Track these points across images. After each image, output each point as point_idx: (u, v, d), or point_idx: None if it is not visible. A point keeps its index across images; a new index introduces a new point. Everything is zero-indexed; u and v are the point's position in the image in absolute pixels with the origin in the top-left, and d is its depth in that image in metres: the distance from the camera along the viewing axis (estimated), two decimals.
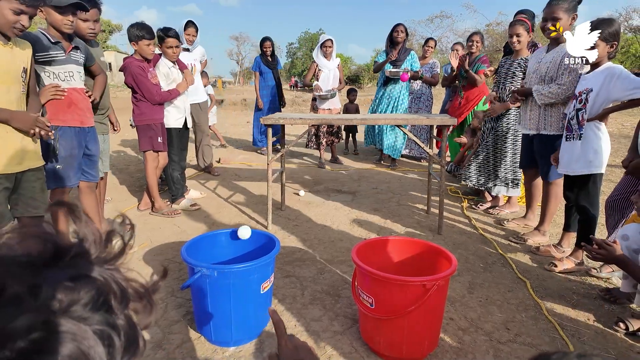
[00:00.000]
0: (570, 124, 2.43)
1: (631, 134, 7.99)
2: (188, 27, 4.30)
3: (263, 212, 3.42)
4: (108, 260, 0.41)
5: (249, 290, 1.73)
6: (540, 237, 2.91)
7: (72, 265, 0.38)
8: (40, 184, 2.03)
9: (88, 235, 0.41)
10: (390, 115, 3.95)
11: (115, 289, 0.39)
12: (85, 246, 0.40)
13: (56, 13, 2.16)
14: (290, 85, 32.69)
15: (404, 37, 4.97)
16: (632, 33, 20.72)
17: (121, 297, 0.39)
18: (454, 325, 1.92)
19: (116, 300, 0.39)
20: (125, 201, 3.82)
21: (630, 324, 1.87)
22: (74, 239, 0.41)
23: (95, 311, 0.36)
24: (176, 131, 3.50)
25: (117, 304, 0.39)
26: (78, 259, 0.39)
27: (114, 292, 0.39)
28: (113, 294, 0.39)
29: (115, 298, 0.39)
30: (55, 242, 0.39)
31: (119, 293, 0.39)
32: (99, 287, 0.38)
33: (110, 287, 0.39)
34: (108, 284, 0.39)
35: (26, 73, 1.92)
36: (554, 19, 2.55)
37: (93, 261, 0.40)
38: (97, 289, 0.37)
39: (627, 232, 1.95)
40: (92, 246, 0.41)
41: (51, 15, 2.17)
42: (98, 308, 0.36)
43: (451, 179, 4.67)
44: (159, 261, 2.56)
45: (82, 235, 0.41)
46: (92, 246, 0.41)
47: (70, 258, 0.39)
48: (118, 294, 0.39)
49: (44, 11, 2.15)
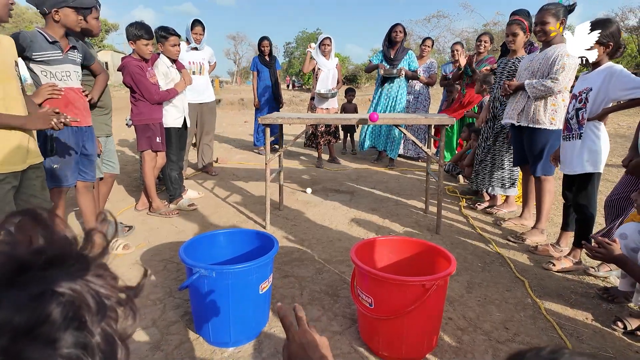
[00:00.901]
0: (570, 124, 2.44)
1: (627, 133, 8.05)
2: (195, 26, 4.33)
3: (261, 212, 3.41)
4: (87, 264, 0.38)
5: (248, 291, 1.72)
6: (539, 235, 2.92)
7: (36, 281, 0.34)
8: (41, 182, 2.02)
9: (59, 242, 0.38)
10: (389, 115, 3.95)
11: (90, 301, 0.35)
12: (56, 254, 0.36)
13: (74, 14, 2.20)
14: (286, 85, 32.62)
15: (402, 37, 4.97)
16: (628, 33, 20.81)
17: (97, 309, 0.36)
18: (452, 325, 1.92)
19: (90, 314, 0.35)
20: (123, 201, 3.81)
21: (629, 323, 1.88)
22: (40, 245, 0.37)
23: (65, 330, 0.33)
24: (175, 131, 3.49)
25: (92, 316, 0.35)
26: (45, 272, 0.35)
27: (87, 305, 0.35)
28: (86, 307, 0.35)
29: (89, 311, 0.35)
30: (15, 257, 0.35)
31: (94, 305, 0.36)
32: (68, 302, 0.34)
33: (83, 299, 0.35)
34: (80, 296, 0.35)
35: (17, 66, 1.90)
36: (543, 23, 2.66)
37: (65, 270, 0.36)
38: (66, 304, 0.34)
39: (626, 230, 1.95)
40: (65, 252, 0.37)
41: (69, 16, 2.20)
42: (67, 326, 0.33)
43: (449, 178, 4.67)
44: (157, 262, 2.55)
45: (51, 242, 0.37)
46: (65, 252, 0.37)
47: (36, 271, 0.35)
48: (93, 306, 0.35)
49: (59, 12, 2.16)
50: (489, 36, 4.52)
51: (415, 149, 5.73)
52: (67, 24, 2.22)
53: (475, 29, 27.94)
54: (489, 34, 4.61)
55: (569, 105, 2.47)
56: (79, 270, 0.37)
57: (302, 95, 19.59)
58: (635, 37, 20.33)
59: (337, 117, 3.30)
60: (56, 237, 0.38)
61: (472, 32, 28.53)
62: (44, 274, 0.35)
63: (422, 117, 3.16)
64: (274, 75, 5.72)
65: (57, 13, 2.16)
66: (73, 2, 2.18)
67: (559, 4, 2.66)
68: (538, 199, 2.95)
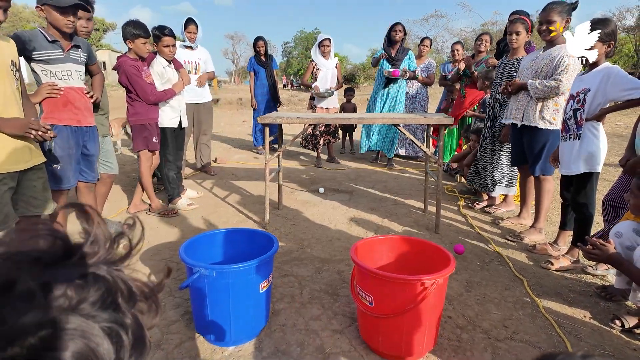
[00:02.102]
0: (568, 124, 2.45)
1: (624, 133, 8.09)
2: (189, 25, 4.31)
3: (260, 211, 3.42)
4: (114, 261, 0.42)
5: (248, 290, 1.73)
6: (537, 234, 2.93)
7: (81, 264, 0.39)
8: (42, 183, 2.02)
9: (98, 236, 0.41)
10: (388, 115, 3.96)
11: (123, 288, 0.39)
12: (94, 246, 0.41)
13: (56, 12, 2.14)
14: (283, 84, 32.56)
15: (402, 36, 4.97)
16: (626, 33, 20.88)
17: (129, 297, 0.40)
18: (452, 324, 1.93)
19: (124, 300, 0.39)
20: (120, 201, 3.80)
21: (626, 321, 1.90)
22: (82, 239, 0.41)
23: (104, 309, 0.37)
24: (170, 131, 3.47)
25: (125, 303, 0.39)
26: (86, 259, 0.39)
27: (122, 291, 0.39)
28: (121, 293, 0.39)
29: (122, 297, 0.39)
30: (65, 241, 0.39)
31: (127, 292, 0.40)
32: (107, 286, 0.38)
33: (118, 286, 0.39)
34: (116, 283, 0.39)
35: (15, 66, 1.90)
36: (548, 21, 2.63)
37: (101, 261, 0.40)
38: (106, 287, 0.38)
39: (621, 229, 1.97)
40: (101, 247, 0.41)
41: (51, 14, 2.15)
42: (106, 306, 0.37)
43: (448, 178, 4.69)
44: (156, 261, 2.55)
45: (92, 235, 0.41)
46: (101, 247, 0.41)
47: (79, 257, 0.39)
48: (126, 293, 0.39)
49: (43, 9, 2.14)
50: (489, 36, 4.52)
51: (414, 148, 5.74)
52: (52, 23, 2.18)
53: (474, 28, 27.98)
54: (489, 34, 4.60)
55: (567, 105, 2.48)
56: (113, 263, 0.41)
57: (301, 94, 19.57)
58: (633, 37, 20.40)
59: (336, 117, 3.31)
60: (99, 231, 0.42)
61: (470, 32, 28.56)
62: (87, 260, 0.39)
63: (421, 116, 3.16)
64: (271, 75, 5.72)
65: (41, 10, 2.14)
66: (53, 0, 2.11)
67: (564, 3, 2.62)
68: (537, 198, 2.96)
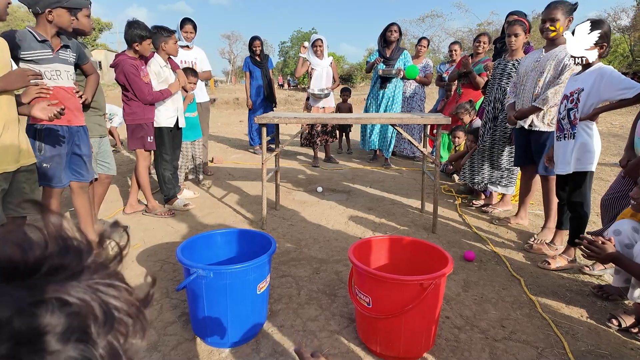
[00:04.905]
0: (562, 124, 2.46)
1: (620, 132, 8.13)
2: (185, 25, 4.30)
3: (258, 211, 3.41)
4: (97, 270, 0.35)
5: (246, 291, 1.72)
6: (551, 234, 2.83)
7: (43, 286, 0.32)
8: (30, 185, 2.00)
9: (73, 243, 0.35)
10: (385, 115, 3.96)
11: (97, 312, 0.33)
12: (68, 260, 0.34)
13: (68, 14, 2.19)
14: (279, 84, 32.52)
15: (397, 36, 4.98)
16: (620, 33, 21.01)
17: (104, 321, 0.33)
18: (449, 324, 1.93)
19: (97, 325, 0.33)
20: (118, 201, 3.78)
21: (623, 320, 1.90)
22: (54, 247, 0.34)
23: (66, 342, 0.30)
24: (167, 130, 3.46)
25: (98, 329, 0.33)
26: (54, 277, 0.33)
27: (95, 316, 0.33)
28: (93, 317, 0.33)
29: (95, 322, 0.33)
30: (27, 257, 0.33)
31: (102, 316, 0.33)
32: (74, 312, 0.32)
33: (90, 310, 0.33)
34: (88, 306, 0.33)
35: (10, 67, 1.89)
36: (552, 20, 2.61)
37: (75, 276, 0.34)
38: (71, 314, 0.32)
39: (620, 227, 1.98)
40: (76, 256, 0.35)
41: (62, 16, 2.18)
42: (69, 338, 0.31)
43: (445, 177, 4.69)
44: (153, 262, 2.54)
45: (65, 246, 0.35)
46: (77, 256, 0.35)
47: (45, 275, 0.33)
48: (100, 317, 0.33)
49: (53, 13, 2.14)
50: (487, 37, 4.50)
51: (411, 147, 5.74)
52: (60, 24, 2.20)
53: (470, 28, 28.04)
54: (488, 35, 4.58)
55: (560, 105, 2.49)
56: (90, 279, 0.35)
57: (298, 94, 19.56)
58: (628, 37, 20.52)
59: (333, 117, 3.30)
60: (70, 242, 0.36)
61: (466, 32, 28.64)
62: (52, 279, 0.33)
63: (418, 116, 3.16)
64: (266, 75, 5.71)
65: (50, 13, 2.14)
66: (67, 2, 2.16)
67: (567, 2, 2.60)
68: (545, 198, 2.92)
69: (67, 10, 2.18)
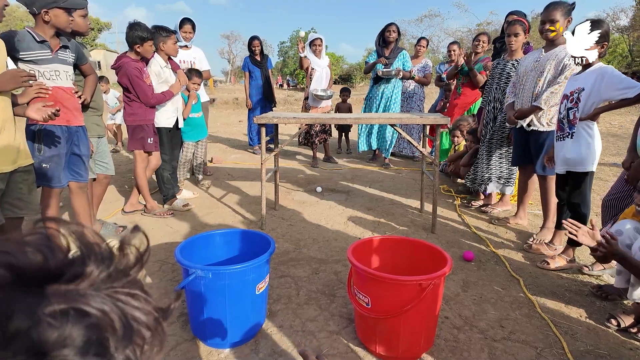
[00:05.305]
0: (562, 124, 2.46)
1: (619, 132, 8.14)
2: (184, 24, 4.30)
3: (257, 211, 3.40)
4: (118, 277, 0.34)
5: (245, 291, 1.71)
6: (550, 234, 2.85)
7: (62, 295, 0.31)
8: (27, 186, 2.00)
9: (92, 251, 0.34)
10: (384, 115, 3.96)
11: (117, 325, 0.32)
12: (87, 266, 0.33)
13: (65, 14, 2.18)
14: (278, 84, 32.51)
15: (395, 36, 4.98)
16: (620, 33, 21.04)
17: (123, 334, 0.32)
18: (448, 324, 1.93)
19: (115, 338, 0.31)
20: (117, 201, 3.78)
21: (622, 320, 1.90)
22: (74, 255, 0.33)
23: (84, 356, 0.29)
24: (166, 130, 3.46)
25: (117, 342, 0.32)
26: (74, 286, 0.32)
27: (113, 328, 0.32)
28: (112, 330, 0.32)
29: (114, 335, 0.31)
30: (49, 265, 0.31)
31: (121, 329, 0.32)
32: (94, 324, 0.31)
33: (110, 322, 0.32)
34: (107, 318, 0.31)
35: (7, 67, 1.88)
36: (551, 21, 2.62)
37: (95, 284, 0.33)
38: (90, 326, 0.30)
39: (621, 227, 1.98)
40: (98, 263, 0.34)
41: (59, 17, 2.17)
42: (87, 352, 0.29)
43: (444, 177, 4.69)
44: (152, 262, 2.53)
45: (83, 251, 0.34)
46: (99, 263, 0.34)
47: (64, 283, 0.31)
48: (119, 330, 0.32)
49: (49, 13, 2.13)
50: (487, 36, 4.50)
51: (411, 147, 5.74)
52: (58, 25, 2.19)
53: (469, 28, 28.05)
54: (487, 34, 4.58)
55: (560, 105, 2.49)
56: (110, 287, 0.33)
57: (297, 94, 19.55)
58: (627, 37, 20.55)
59: (333, 117, 3.30)
60: (92, 248, 0.34)
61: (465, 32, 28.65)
62: (73, 287, 0.31)
63: (418, 116, 3.16)
64: (266, 75, 5.71)
65: (46, 14, 2.13)
66: (64, 2, 2.15)
67: (565, 3, 2.60)
68: (544, 198, 2.93)
69: (64, 11, 2.18)
